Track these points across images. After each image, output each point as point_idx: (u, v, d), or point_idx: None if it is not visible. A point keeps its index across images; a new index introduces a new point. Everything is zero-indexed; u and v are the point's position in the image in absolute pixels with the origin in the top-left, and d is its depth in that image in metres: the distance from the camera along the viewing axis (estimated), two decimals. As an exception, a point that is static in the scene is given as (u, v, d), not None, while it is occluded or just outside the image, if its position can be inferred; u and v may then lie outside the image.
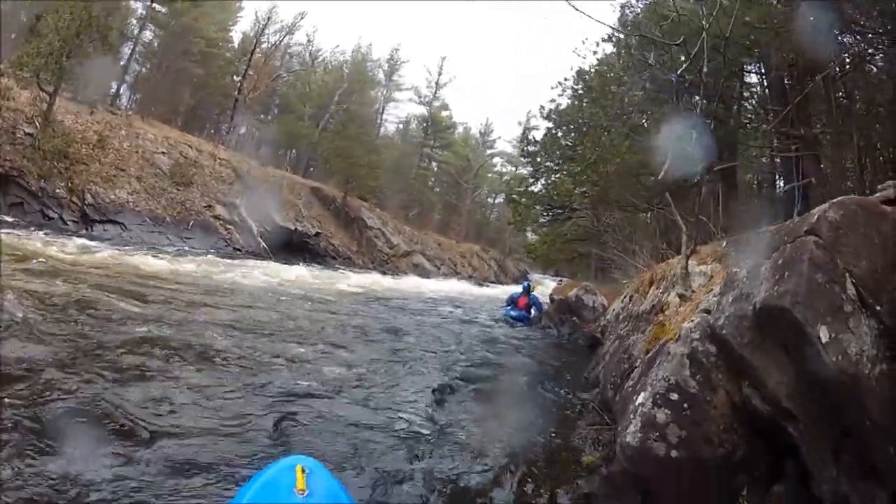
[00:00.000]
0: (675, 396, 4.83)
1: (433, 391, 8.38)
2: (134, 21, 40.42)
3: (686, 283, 7.74)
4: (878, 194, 4.45)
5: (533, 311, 20.20)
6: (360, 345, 11.17)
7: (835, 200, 4.07)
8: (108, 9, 25.27)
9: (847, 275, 3.76)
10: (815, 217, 4.06)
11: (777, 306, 3.87)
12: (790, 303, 3.77)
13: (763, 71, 17.31)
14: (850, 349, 3.55)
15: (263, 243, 30.09)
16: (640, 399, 5.12)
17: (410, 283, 30.43)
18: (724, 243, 9.04)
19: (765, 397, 4.21)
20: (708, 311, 5.27)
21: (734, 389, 4.61)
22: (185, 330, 9.20)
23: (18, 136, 20.27)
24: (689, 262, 8.27)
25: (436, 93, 65.36)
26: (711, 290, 6.08)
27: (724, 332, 4.71)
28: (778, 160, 16.06)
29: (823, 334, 3.59)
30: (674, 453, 4.65)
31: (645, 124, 17.49)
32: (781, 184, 17.23)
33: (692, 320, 5.38)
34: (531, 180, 30.82)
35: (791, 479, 4.26)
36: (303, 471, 3.26)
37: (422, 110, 67.57)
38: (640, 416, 4.93)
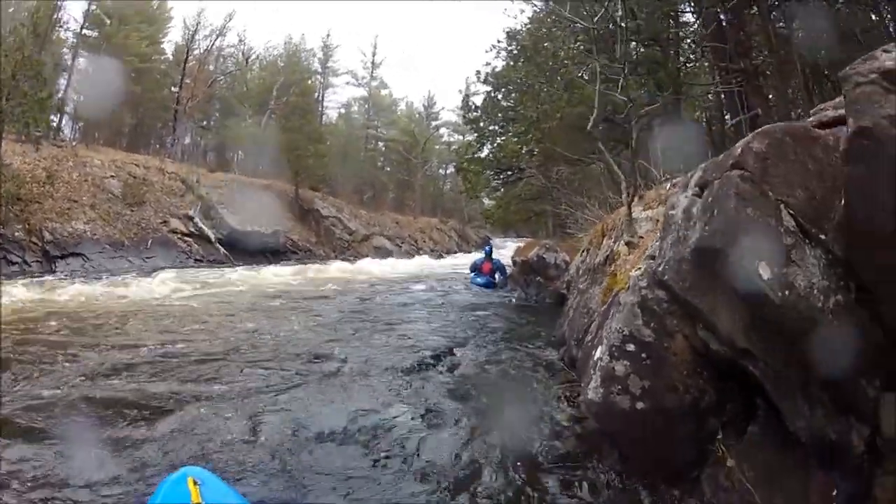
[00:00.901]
0: (631, 347, 4.75)
1: (399, 371, 8.33)
2: (66, 50, 39.93)
3: (631, 229, 7.72)
4: (811, 118, 4.39)
5: (497, 276, 20.17)
6: (321, 335, 11.08)
7: (759, 130, 3.96)
8: (39, 43, 25.02)
9: (782, 206, 3.65)
10: (740, 149, 3.95)
11: (710, 247, 3.80)
12: (722, 242, 3.70)
13: (697, 9, 17.29)
14: (797, 282, 3.47)
15: (223, 249, 29.95)
16: (598, 353, 5.06)
17: (370, 267, 30.38)
18: (668, 186, 9.03)
19: (720, 339, 4.13)
20: (653, 257, 5.21)
21: (691, 333, 4.52)
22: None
23: None
24: (635, 208, 8.25)
25: (373, 73, 65.13)
26: (658, 235, 6.05)
27: (665, 277, 4.63)
28: (723, 96, 16.08)
29: (764, 271, 3.49)
30: (639, 405, 4.58)
31: (583, 76, 17.42)
32: (728, 118, 17.30)
33: (639, 268, 5.34)
34: (477, 146, 30.80)
35: (765, 419, 4.21)
36: (195, 483, 3.30)
37: (361, 92, 67.30)
38: (600, 370, 4.86)
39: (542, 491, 4.96)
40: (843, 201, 3.29)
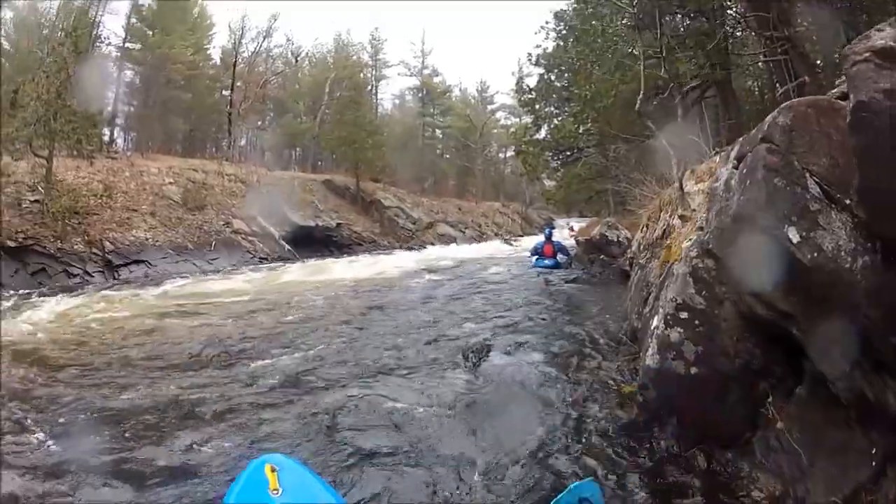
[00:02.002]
0: (684, 315, 4.98)
1: (475, 350, 8.64)
2: (111, 65, 40.67)
3: (685, 203, 7.88)
4: (835, 90, 4.56)
5: (560, 257, 20.23)
6: (395, 321, 11.55)
7: (784, 104, 4.14)
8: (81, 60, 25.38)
9: (807, 174, 3.83)
10: (767, 124, 4.15)
11: (745, 214, 4.00)
12: (754, 209, 3.90)
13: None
14: (825, 245, 3.64)
15: (288, 246, 30.25)
16: (654, 322, 5.28)
17: (437, 254, 30.66)
18: (717, 159, 9.15)
19: (764, 304, 4.30)
20: (702, 228, 5.43)
21: (738, 299, 4.72)
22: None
23: (25, 205, 20.30)
24: (688, 182, 8.39)
25: (424, 61, 65.14)
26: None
27: (711, 246, 4.88)
28: (771, 65, 15.98)
29: (793, 235, 3.69)
30: (693, 370, 4.83)
31: (634, 52, 17.41)
32: (779, 86, 17.19)
33: (690, 239, 5.55)
34: (534, 128, 30.70)
35: (811, 381, 4.37)
36: (272, 470, 3.43)
37: (414, 81, 67.35)
38: (656, 338, 5.09)
39: (606, 457, 5.23)
40: (857, 168, 3.47)
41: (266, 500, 3.31)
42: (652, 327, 5.29)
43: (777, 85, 16.50)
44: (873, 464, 3.75)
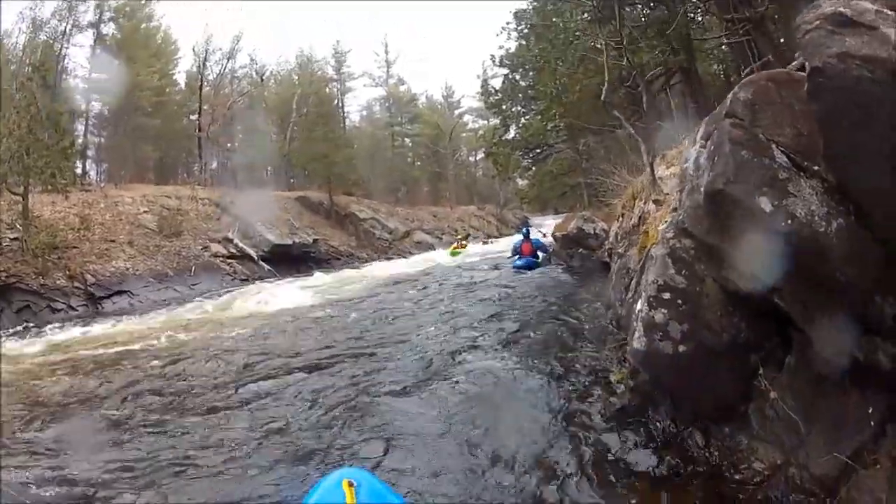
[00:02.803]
0: (667, 295, 5.04)
1: (465, 348, 8.91)
2: (79, 97, 40.49)
3: (657, 189, 7.98)
4: (794, 63, 4.65)
5: (539, 254, 20.31)
6: (381, 330, 11.48)
7: (745, 80, 4.23)
8: (50, 94, 25.28)
9: (773, 145, 3.90)
10: (729, 100, 4.23)
11: (715, 190, 4.05)
12: (723, 183, 3.95)
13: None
14: (797, 212, 3.71)
15: (267, 266, 30.23)
16: (638, 306, 5.33)
17: (415, 261, 30.75)
18: (686, 142, 9.26)
19: (744, 276, 4.37)
20: (675, 209, 5.51)
21: (719, 276, 4.79)
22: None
23: (5, 244, 20.17)
24: (659, 167, 8.50)
25: (389, 71, 65.21)
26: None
27: (686, 225, 4.94)
28: (734, 46, 16.10)
29: (765, 205, 3.75)
30: (681, 348, 4.87)
31: (596, 45, 17.50)
32: (743, 68, 17.33)
33: (665, 221, 5.63)
34: (503, 129, 30.85)
35: (800, 349, 4.43)
36: (350, 485, 3.28)
37: (380, 92, 67.45)
38: (641, 321, 5.15)
39: (603, 444, 5.34)
40: (821, 135, 3.56)
41: None
42: (636, 311, 5.34)
43: (742, 67, 16.69)
44: (871, 423, 3.83)
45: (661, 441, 5.22)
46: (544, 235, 26.30)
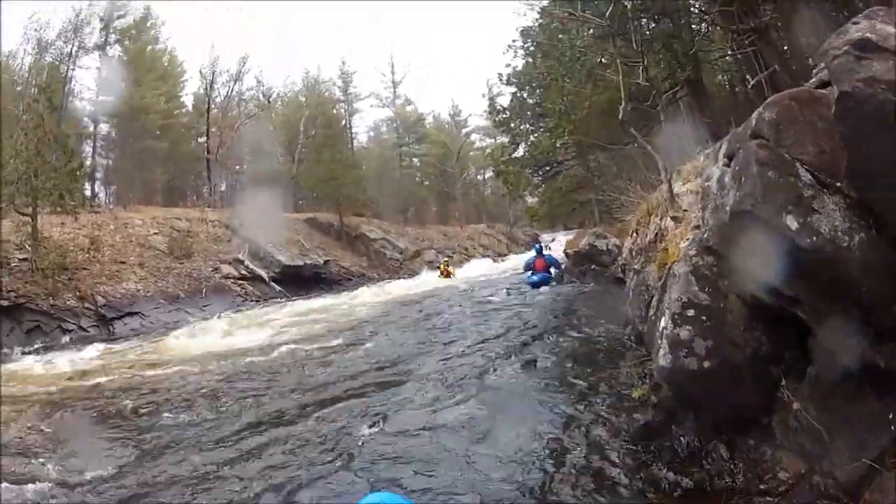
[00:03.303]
0: (691, 312, 5.08)
1: (487, 372, 8.87)
2: (86, 119, 40.90)
3: (675, 205, 7.99)
4: (813, 80, 4.71)
5: (552, 271, 20.35)
6: (405, 350, 11.58)
7: (768, 100, 4.28)
8: (57, 116, 25.39)
9: (798, 164, 3.96)
10: (755, 120, 4.27)
11: (743, 211, 4.12)
12: (751, 204, 4.01)
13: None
14: (822, 228, 3.78)
15: (278, 287, 30.30)
16: (662, 323, 5.37)
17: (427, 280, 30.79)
18: (701, 158, 9.28)
19: (768, 291, 4.43)
20: (698, 227, 5.56)
21: (742, 291, 4.84)
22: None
23: (14, 264, 20.30)
24: (675, 183, 8.53)
25: (395, 91, 65.32)
26: (700, 206, 6.37)
27: (711, 243, 5.02)
28: (740, 57, 16.12)
29: (791, 223, 3.82)
30: (706, 364, 4.91)
31: (603, 61, 17.52)
32: (749, 78, 17.32)
33: (687, 239, 5.67)
34: (512, 147, 30.89)
35: (820, 359, 4.45)
36: None
37: (387, 112, 67.59)
38: (666, 338, 5.18)
39: (628, 460, 5.40)
40: (846, 153, 3.61)
41: None
42: (660, 328, 5.38)
43: (747, 77, 16.68)
44: (891, 428, 3.90)
45: (685, 456, 5.24)
46: (548, 248, 26.28)
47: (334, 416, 7.57)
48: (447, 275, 30.65)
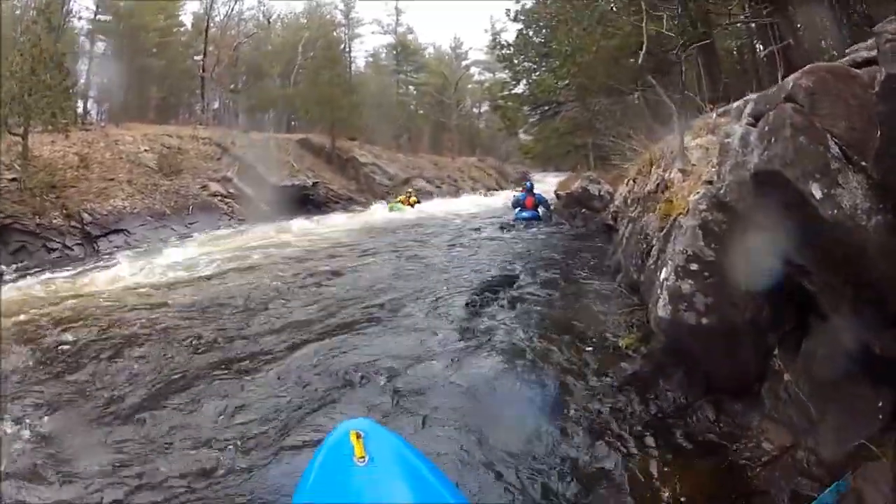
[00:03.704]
0: (695, 266, 5.11)
1: (468, 306, 8.81)
2: (83, 38, 40.71)
3: (685, 158, 7.96)
4: (846, 58, 4.67)
5: (541, 210, 20.41)
6: (393, 277, 11.54)
7: (806, 68, 4.19)
8: (55, 35, 25.04)
9: (828, 135, 3.91)
10: (791, 84, 4.21)
11: (770, 170, 4.09)
12: (780, 165, 3.98)
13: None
14: (843, 203, 3.75)
15: (265, 206, 30.19)
16: (663, 274, 5.39)
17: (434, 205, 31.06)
18: (714, 115, 9.24)
19: (778, 255, 4.42)
20: (710, 182, 5.54)
21: (751, 252, 4.80)
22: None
23: (3, 185, 19.99)
24: (684, 137, 8.49)
25: (398, 19, 64.72)
26: (710, 161, 6.35)
27: (727, 199, 5.00)
28: (753, 26, 15.97)
29: (816, 191, 3.78)
30: (704, 321, 4.96)
31: (613, 8, 17.31)
32: (760, 48, 17.21)
33: (698, 192, 5.64)
34: (512, 83, 30.73)
35: (818, 334, 4.49)
36: (358, 437, 3.25)
37: (388, 39, 66.96)
38: (666, 289, 5.24)
39: (613, 409, 5.43)
40: (878, 133, 3.59)
41: (353, 472, 3.16)
42: (661, 279, 5.40)
43: (759, 46, 16.55)
44: (880, 416, 3.93)
45: (671, 411, 5.31)
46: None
47: (308, 350, 7.41)
48: (409, 203, 30.75)
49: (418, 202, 31.45)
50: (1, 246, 18.46)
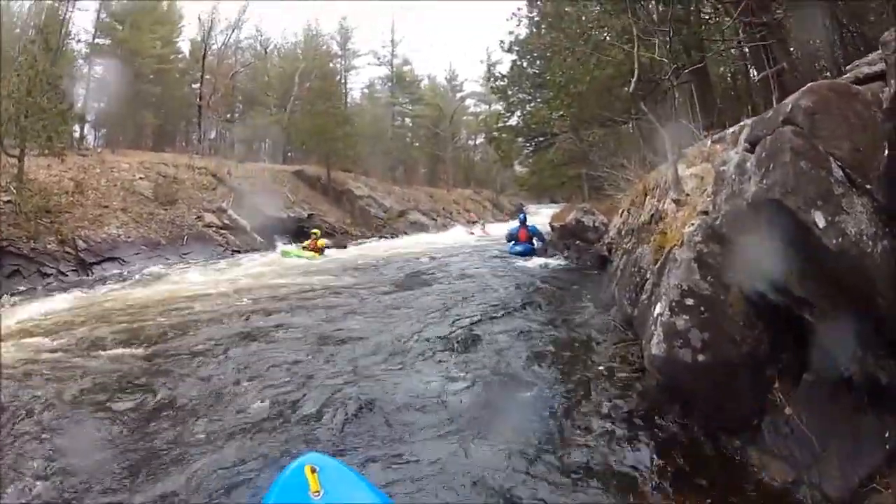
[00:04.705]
0: (690, 301, 4.93)
1: (457, 342, 8.61)
2: (80, 61, 40.58)
3: (678, 188, 7.81)
4: (848, 74, 4.51)
5: (535, 242, 20.29)
6: (376, 314, 11.25)
7: (805, 87, 4.08)
8: (52, 57, 25.06)
9: (831, 158, 3.76)
10: (790, 106, 4.05)
11: (769, 199, 3.91)
12: (780, 193, 3.80)
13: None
14: (848, 230, 3.60)
15: (259, 238, 30.17)
16: (657, 309, 5.22)
17: (412, 241, 30.68)
18: (709, 143, 9.09)
19: (777, 288, 4.30)
20: (706, 213, 5.36)
21: (747, 285, 4.69)
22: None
23: None
24: (678, 166, 8.33)
25: (393, 51, 65.02)
26: (705, 191, 6.16)
27: (723, 230, 4.82)
28: (747, 50, 15.94)
29: (819, 220, 3.60)
30: (700, 357, 4.77)
31: (607, 38, 17.32)
32: (754, 73, 17.18)
33: (692, 224, 5.47)
34: (507, 115, 30.86)
35: (820, 365, 4.32)
36: (313, 471, 3.36)
37: (384, 71, 67.19)
38: (661, 325, 5.04)
39: (611, 447, 5.21)
40: (886, 153, 3.41)
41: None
42: (655, 315, 5.23)
43: (753, 71, 16.49)
44: (886, 447, 3.77)
45: (669, 448, 5.10)
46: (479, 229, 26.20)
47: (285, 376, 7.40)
48: (316, 249, 25.43)
49: (327, 246, 26.79)
50: (-4, 269, 18.42)
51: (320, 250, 25.38)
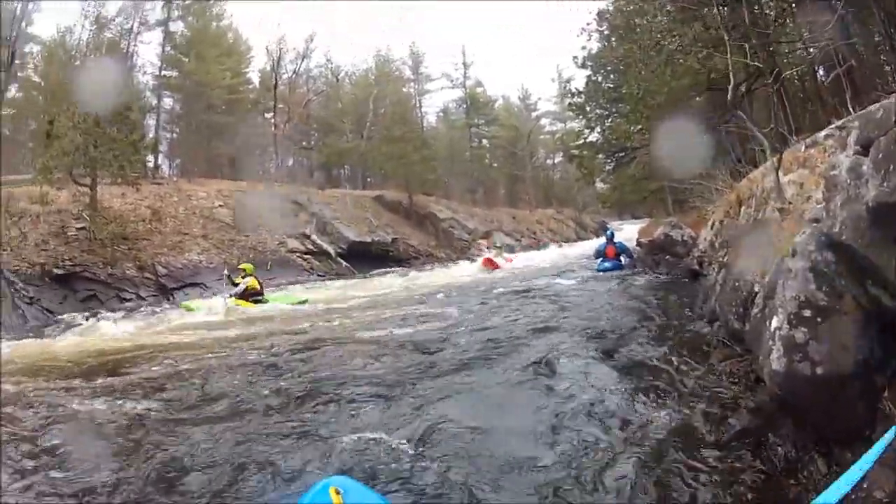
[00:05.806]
0: (807, 313, 4.75)
1: (550, 361, 8.47)
2: (149, 92, 41.85)
3: (781, 195, 7.62)
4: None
5: (623, 259, 20.10)
6: (463, 332, 11.39)
7: None
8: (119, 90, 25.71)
9: None
10: None
11: (890, 203, 3.81)
12: None
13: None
14: None
15: (345, 263, 30.45)
16: (774, 323, 5.05)
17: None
18: (803, 147, 8.86)
19: (893, 294, 4.18)
20: (817, 220, 5.21)
21: (860, 293, 4.55)
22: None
23: (71, 233, 21.06)
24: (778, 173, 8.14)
25: (465, 73, 65.33)
26: (809, 197, 6.00)
27: (843, 237, 4.68)
28: (814, 51, 15.65)
29: None
30: (819, 370, 4.59)
31: (681, 47, 17.12)
32: (821, 72, 16.92)
33: (803, 232, 5.32)
34: (586, 132, 30.91)
35: None
36: (337, 492, 3.28)
37: (458, 93, 67.63)
38: (780, 339, 4.86)
39: (722, 468, 5.06)
40: None
41: None
42: (772, 329, 5.05)
43: (821, 71, 16.23)
44: None
45: (781, 466, 4.95)
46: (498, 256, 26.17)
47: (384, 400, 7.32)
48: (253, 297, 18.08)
49: (260, 292, 18.74)
50: (68, 292, 18.90)
51: (258, 292, 18.60)
